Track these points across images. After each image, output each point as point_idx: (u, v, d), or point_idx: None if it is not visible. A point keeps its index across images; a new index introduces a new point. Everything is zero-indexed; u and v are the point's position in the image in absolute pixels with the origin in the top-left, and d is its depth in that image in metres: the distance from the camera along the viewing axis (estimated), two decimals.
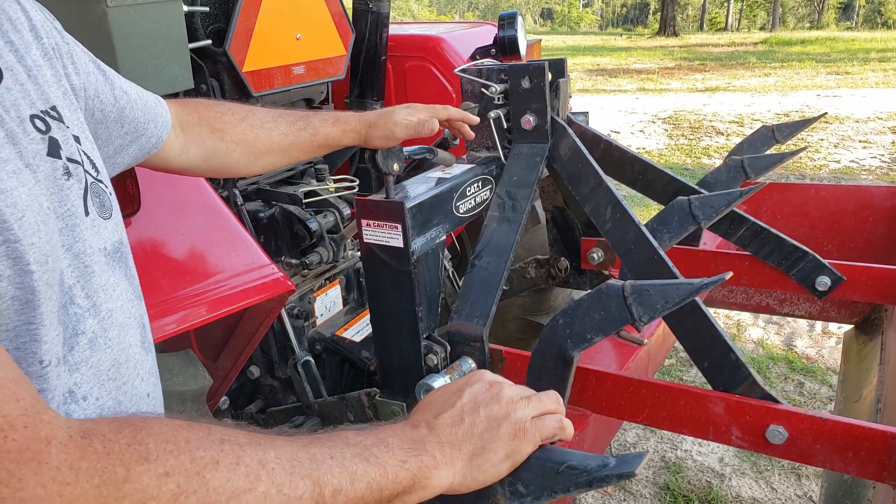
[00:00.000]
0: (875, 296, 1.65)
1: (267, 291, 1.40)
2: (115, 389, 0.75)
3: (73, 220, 0.72)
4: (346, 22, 2.26)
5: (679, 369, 3.49)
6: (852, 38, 23.39)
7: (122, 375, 0.76)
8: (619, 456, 0.75)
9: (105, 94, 0.93)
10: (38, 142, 0.69)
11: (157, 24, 1.52)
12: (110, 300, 0.76)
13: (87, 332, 0.71)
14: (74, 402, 0.70)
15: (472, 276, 1.32)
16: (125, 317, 0.79)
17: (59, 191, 0.71)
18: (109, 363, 0.74)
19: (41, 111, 0.72)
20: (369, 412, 1.51)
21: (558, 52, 19.93)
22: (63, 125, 0.75)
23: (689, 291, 0.96)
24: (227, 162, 1.24)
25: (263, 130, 1.26)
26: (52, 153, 0.71)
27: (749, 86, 12.89)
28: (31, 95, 0.72)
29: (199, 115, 1.19)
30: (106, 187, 0.81)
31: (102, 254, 0.77)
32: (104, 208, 0.79)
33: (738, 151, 1.94)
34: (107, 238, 0.78)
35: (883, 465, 1.05)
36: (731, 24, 45.39)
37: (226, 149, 1.22)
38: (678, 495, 2.61)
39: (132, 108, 0.99)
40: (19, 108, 0.69)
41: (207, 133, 1.20)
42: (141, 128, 1.02)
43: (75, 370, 0.70)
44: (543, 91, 1.42)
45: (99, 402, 0.73)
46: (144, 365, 0.83)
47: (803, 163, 7.24)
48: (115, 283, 0.79)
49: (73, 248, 0.71)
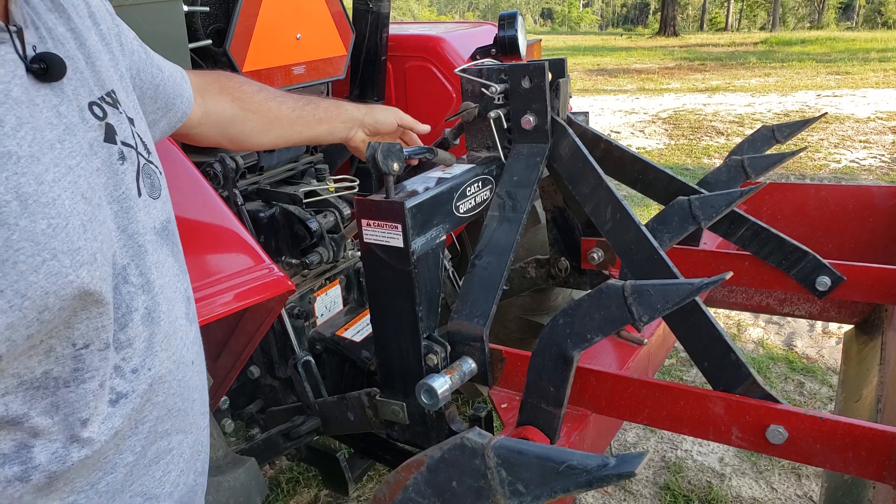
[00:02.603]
0: (875, 296, 1.65)
1: (267, 291, 1.40)
2: (166, 359, 0.80)
3: (128, 202, 0.77)
4: (347, 22, 2.26)
5: (679, 369, 3.49)
6: (852, 38, 23.37)
7: (172, 346, 0.81)
8: (619, 456, 0.75)
9: (145, 71, 0.99)
10: (95, 129, 0.74)
11: (157, 23, 1.52)
12: (161, 276, 0.81)
13: (140, 309, 0.76)
14: (121, 377, 0.74)
15: (473, 275, 1.32)
16: (172, 291, 0.84)
17: (114, 175, 0.75)
18: (162, 336, 0.79)
19: (98, 98, 0.76)
20: (370, 412, 1.51)
21: (558, 52, 19.93)
22: (118, 110, 0.80)
23: (690, 291, 0.96)
24: (243, 130, 1.32)
25: (276, 102, 1.36)
26: (109, 139, 0.75)
27: (749, 86, 12.89)
28: (89, 83, 0.76)
29: (221, 84, 1.28)
30: (156, 167, 0.86)
31: (154, 232, 0.82)
32: (154, 188, 0.84)
33: (739, 151, 1.94)
34: (156, 217, 0.83)
35: (883, 465, 1.05)
36: (731, 24, 45.39)
37: (243, 117, 1.31)
38: (678, 495, 2.61)
39: (164, 84, 1.06)
40: (79, 97, 0.73)
41: (228, 101, 1.28)
42: (170, 103, 1.09)
43: (126, 346, 0.74)
44: (543, 91, 1.42)
45: (151, 373, 0.78)
46: (189, 335, 0.88)
47: (803, 163, 7.24)
48: (164, 259, 0.83)
49: (127, 228, 0.76)
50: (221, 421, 1.86)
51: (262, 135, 1.37)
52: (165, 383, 0.81)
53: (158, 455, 0.82)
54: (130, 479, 0.78)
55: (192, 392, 0.88)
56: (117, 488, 0.76)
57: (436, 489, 0.92)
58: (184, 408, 0.85)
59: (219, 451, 1.49)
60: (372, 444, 1.96)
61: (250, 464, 1.50)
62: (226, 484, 1.40)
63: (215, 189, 1.49)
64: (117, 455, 0.76)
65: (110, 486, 0.75)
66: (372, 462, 2.06)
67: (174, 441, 0.85)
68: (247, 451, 1.81)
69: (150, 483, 0.81)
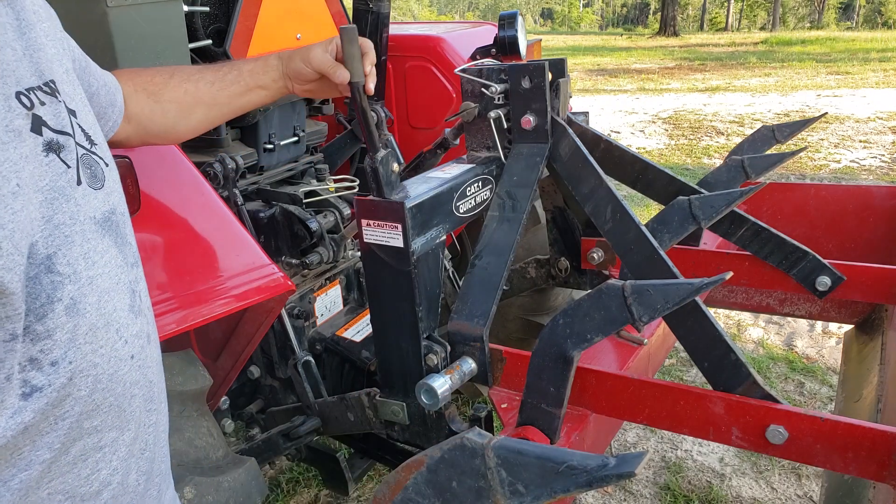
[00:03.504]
0: (875, 296, 1.65)
1: (267, 291, 1.40)
2: (90, 353, 0.78)
3: (56, 192, 0.76)
4: (347, 22, 2.26)
5: (679, 369, 3.49)
6: (852, 38, 23.36)
7: (99, 339, 0.79)
8: (618, 456, 0.75)
9: (84, 78, 0.99)
10: (22, 117, 0.73)
11: (157, 23, 1.52)
12: (92, 267, 0.79)
13: (65, 300, 0.75)
14: (37, 370, 0.73)
15: (473, 276, 1.32)
16: (109, 283, 0.82)
17: (39, 165, 0.74)
18: (87, 328, 0.78)
19: (28, 87, 0.76)
20: (369, 412, 1.51)
21: (558, 52, 19.93)
22: (56, 99, 0.79)
23: (690, 291, 0.96)
24: (164, 123, 1.26)
25: (191, 83, 1.27)
26: (35, 129, 0.75)
27: (749, 86, 12.88)
28: (19, 72, 0.76)
29: (134, 83, 1.22)
30: (100, 159, 0.85)
31: (92, 222, 0.81)
32: (95, 179, 0.83)
33: (739, 151, 1.94)
34: (97, 207, 0.82)
35: (883, 465, 1.05)
36: (731, 24, 45.37)
37: (161, 110, 1.25)
38: (678, 495, 2.61)
39: (99, 92, 1.06)
40: (5, 86, 0.73)
41: (144, 98, 1.23)
42: (103, 112, 1.08)
43: (45, 337, 0.73)
44: (544, 91, 1.42)
45: (72, 366, 0.76)
46: (131, 328, 0.86)
47: (803, 163, 7.24)
48: (103, 250, 0.82)
49: (53, 218, 0.75)
50: (221, 421, 1.86)
51: (186, 120, 1.28)
52: (90, 377, 0.78)
53: (85, 453, 0.80)
54: (49, 476, 0.76)
55: (131, 387, 0.85)
56: (32, 486, 0.74)
57: (436, 489, 0.92)
58: (118, 404, 0.83)
59: (219, 451, 1.49)
60: (372, 445, 1.96)
61: (250, 464, 1.50)
62: (226, 484, 1.40)
63: (215, 189, 1.49)
64: (33, 451, 0.74)
65: (24, 483, 0.73)
66: (372, 462, 2.06)
67: (106, 438, 0.82)
68: (247, 451, 1.81)
69: (74, 482, 0.79)
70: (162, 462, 0.97)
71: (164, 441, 0.98)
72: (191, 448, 1.41)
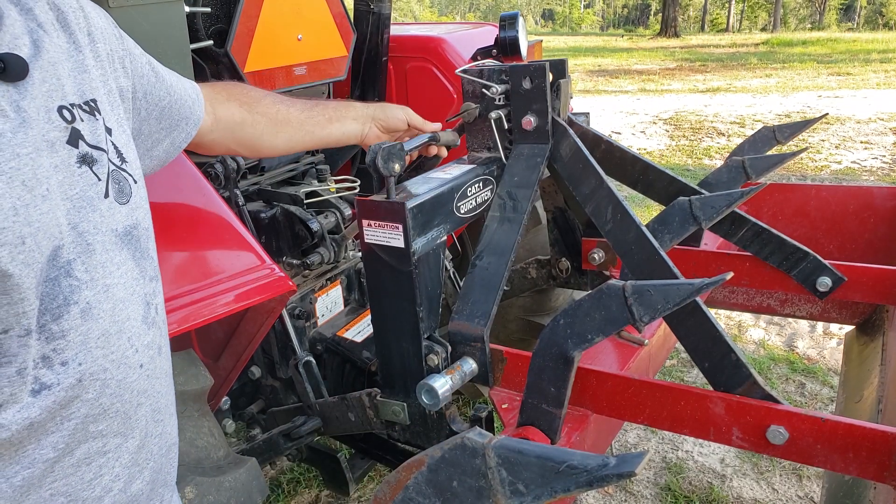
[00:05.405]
0: (876, 296, 1.64)
1: (268, 292, 1.40)
2: (101, 357, 0.80)
3: (84, 202, 0.80)
4: (348, 22, 2.26)
5: (680, 370, 3.49)
6: (853, 38, 23.36)
7: (110, 345, 0.82)
8: (619, 456, 0.75)
9: (152, 94, 1.06)
10: (60, 129, 0.79)
11: (158, 24, 1.52)
12: (109, 276, 0.83)
13: (81, 303, 0.78)
14: (48, 368, 0.75)
15: (473, 276, 1.32)
16: (125, 293, 0.85)
17: (71, 175, 0.79)
18: (100, 332, 0.80)
19: (72, 103, 0.81)
20: (370, 412, 1.52)
21: (559, 53, 19.95)
22: (95, 117, 0.84)
23: (690, 292, 0.96)
24: (253, 133, 1.37)
25: (283, 105, 1.42)
26: (72, 142, 0.80)
27: (750, 87, 12.88)
28: (65, 89, 0.81)
29: (228, 92, 1.36)
30: (129, 175, 0.89)
31: (113, 234, 0.84)
32: (122, 194, 0.87)
33: (740, 152, 1.94)
34: (120, 221, 0.86)
35: (884, 466, 1.05)
36: (732, 24, 45.35)
37: (252, 120, 1.36)
38: (679, 496, 2.61)
39: (171, 107, 1.11)
40: (50, 99, 0.79)
41: (236, 107, 1.34)
42: (175, 124, 1.14)
43: (59, 337, 0.75)
44: (544, 91, 1.42)
45: (82, 367, 0.78)
46: (143, 339, 0.88)
47: (804, 163, 7.24)
48: (121, 262, 0.85)
49: (78, 226, 0.79)
50: (222, 421, 1.86)
51: (273, 137, 1.40)
52: (98, 381, 0.80)
53: (89, 456, 0.81)
54: (51, 476, 0.77)
55: (138, 396, 0.86)
56: (34, 484, 0.75)
57: (436, 489, 0.92)
58: (124, 410, 0.84)
59: (220, 451, 1.49)
60: (373, 445, 1.96)
61: (251, 464, 1.50)
62: (226, 484, 1.40)
63: (216, 189, 1.49)
64: (37, 450, 0.75)
65: (26, 480, 0.74)
66: (372, 462, 2.06)
67: (110, 444, 0.83)
68: (248, 451, 1.81)
69: (76, 484, 0.80)
70: (168, 474, 0.97)
71: (173, 454, 0.99)
72: (192, 448, 1.42)
